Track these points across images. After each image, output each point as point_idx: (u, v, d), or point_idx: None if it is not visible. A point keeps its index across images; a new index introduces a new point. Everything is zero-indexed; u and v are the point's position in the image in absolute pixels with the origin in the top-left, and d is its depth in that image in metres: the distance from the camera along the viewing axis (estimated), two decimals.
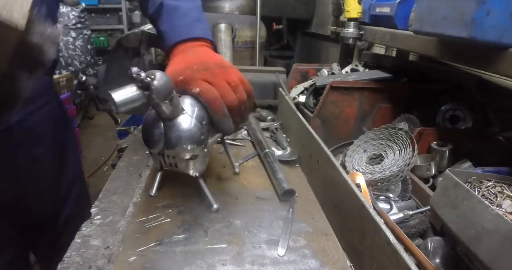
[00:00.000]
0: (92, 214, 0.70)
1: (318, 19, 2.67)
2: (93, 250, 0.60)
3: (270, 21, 2.51)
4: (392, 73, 1.16)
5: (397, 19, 1.05)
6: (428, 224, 0.74)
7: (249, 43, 2.11)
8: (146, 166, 0.87)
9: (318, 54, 2.71)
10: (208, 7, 2.24)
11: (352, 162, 0.94)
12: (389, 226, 0.57)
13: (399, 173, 0.80)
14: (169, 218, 0.68)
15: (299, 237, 0.65)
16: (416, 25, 0.79)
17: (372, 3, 1.22)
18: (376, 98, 1.13)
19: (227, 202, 0.75)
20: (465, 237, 0.53)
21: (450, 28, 0.67)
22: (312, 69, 1.45)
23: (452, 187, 0.58)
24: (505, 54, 0.62)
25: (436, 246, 0.65)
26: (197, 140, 0.64)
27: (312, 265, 0.58)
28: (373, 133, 0.98)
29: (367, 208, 0.54)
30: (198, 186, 0.72)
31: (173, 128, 0.63)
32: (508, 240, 0.46)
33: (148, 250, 0.59)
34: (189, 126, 0.63)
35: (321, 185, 0.78)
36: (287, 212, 0.72)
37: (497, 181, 0.65)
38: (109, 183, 0.81)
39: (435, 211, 0.62)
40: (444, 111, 0.99)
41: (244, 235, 0.65)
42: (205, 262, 0.58)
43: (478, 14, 0.60)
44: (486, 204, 0.51)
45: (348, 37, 1.34)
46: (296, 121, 0.98)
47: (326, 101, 1.11)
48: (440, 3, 0.70)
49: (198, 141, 0.64)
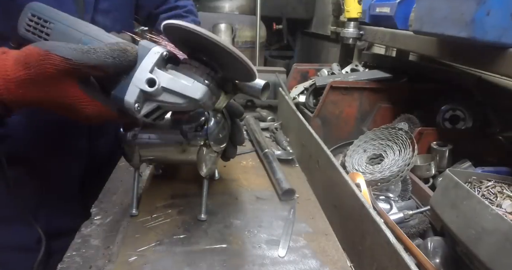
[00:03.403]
0: (92, 214, 0.70)
1: (318, 19, 2.67)
2: (93, 250, 0.60)
3: (270, 21, 2.51)
4: (392, 73, 1.16)
5: (397, 19, 1.05)
6: (428, 224, 0.74)
7: (249, 43, 2.11)
8: (146, 166, 0.87)
9: (318, 54, 2.71)
10: (208, 7, 2.25)
11: (352, 162, 0.94)
12: (389, 226, 0.57)
13: (399, 173, 0.80)
14: (169, 218, 0.68)
15: (299, 237, 0.65)
16: (416, 25, 0.79)
17: (372, 3, 1.22)
18: (376, 98, 1.13)
19: (227, 202, 0.75)
20: (465, 237, 0.53)
21: (450, 28, 0.67)
22: (312, 69, 1.45)
23: (452, 187, 0.58)
24: (505, 54, 0.62)
25: (436, 246, 0.65)
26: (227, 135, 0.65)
27: (312, 265, 0.58)
28: (373, 133, 0.98)
29: (367, 208, 0.54)
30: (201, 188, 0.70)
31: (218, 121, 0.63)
32: (508, 240, 0.46)
33: (148, 250, 0.59)
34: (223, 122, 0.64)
35: (321, 185, 0.78)
36: (288, 213, 0.72)
37: (497, 181, 0.65)
38: (109, 183, 0.81)
39: (435, 211, 0.62)
40: (444, 111, 0.99)
41: (244, 235, 0.65)
42: (205, 262, 0.58)
43: (478, 14, 0.60)
44: (486, 204, 0.51)
45: (348, 37, 1.34)
46: (296, 121, 0.98)
47: (326, 101, 1.11)
48: (440, 3, 0.70)
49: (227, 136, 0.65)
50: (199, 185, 0.79)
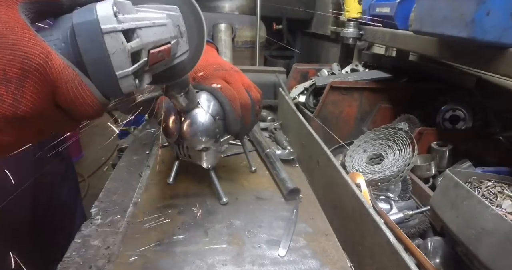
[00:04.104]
0: (92, 214, 0.70)
1: (318, 19, 2.67)
2: (93, 250, 0.60)
3: (270, 21, 2.51)
4: (392, 73, 1.16)
5: (397, 19, 1.05)
6: (428, 224, 0.74)
7: (249, 43, 2.11)
8: (146, 166, 0.87)
9: (318, 54, 2.71)
10: (208, 7, 2.24)
11: (352, 162, 0.94)
12: (389, 226, 0.57)
13: (399, 173, 0.80)
14: (169, 218, 0.68)
15: (299, 237, 0.65)
16: (416, 25, 0.79)
17: (372, 3, 1.22)
18: (376, 98, 1.13)
19: (227, 202, 0.75)
20: (465, 237, 0.53)
21: (450, 28, 0.67)
22: (312, 69, 1.45)
23: (452, 187, 0.58)
24: (505, 54, 0.62)
25: (436, 246, 0.65)
26: (210, 133, 0.67)
27: (312, 265, 0.58)
28: (373, 133, 0.98)
29: (367, 208, 0.54)
30: (210, 180, 0.75)
31: (188, 120, 0.66)
32: (508, 240, 0.46)
33: (148, 250, 0.59)
34: (203, 120, 0.66)
35: (321, 185, 0.78)
36: (289, 213, 0.72)
37: (497, 181, 0.65)
38: (109, 183, 0.81)
39: (435, 211, 0.62)
40: (444, 111, 0.99)
41: (244, 235, 0.65)
42: (205, 262, 0.58)
43: (478, 14, 0.60)
44: (486, 204, 0.51)
45: (348, 37, 1.34)
46: (296, 121, 0.98)
47: (326, 101, 1.11)
48: (440, 3, 0.70)
49: (211, 134, 0.67)
50: (199, 185, 0.80)
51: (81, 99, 0.30)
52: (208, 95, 0.69)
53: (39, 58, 0.27)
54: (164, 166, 0.86)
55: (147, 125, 1.15)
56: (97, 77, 0.32)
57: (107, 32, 0.30)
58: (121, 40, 0.31)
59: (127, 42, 0.32)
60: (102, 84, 0.32)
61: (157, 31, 0.35)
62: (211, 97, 0.69)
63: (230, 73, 0.73)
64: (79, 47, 0.30)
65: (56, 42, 0.31)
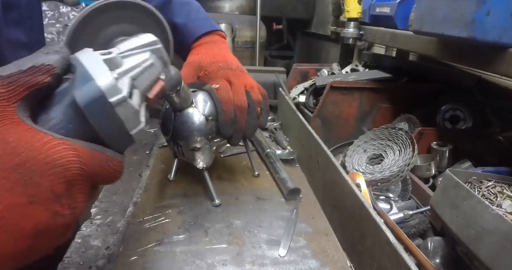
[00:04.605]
0: (92, 214, 0.70)
1: (318, 19, 2.67)
2: (93, 250, 0.60)
3: (270, 21, 2.51)
4: (392, 73, 1.16)
5: (397, 19, 1.05)
6: (428, 224, 0.74)
7: (249, 43, 2.11)
8: (146, 166, 0.87)
9: (318, 54, 2.71)
10: (208, 7, 2.24)
11: (352, 162, 0.94)
12: (389, 226, 0.57)
13: (399, 173, 0.80)
14: (169, 218, 0.68)
15: (299, 237, 0.65)
16: (416, 25, 0.79)
17: (372, 3, 1.22)
18: (376, 98, 1.13)
19: (227, 202, 0.75)
20: (465, 237, 0.53)
21: (450, 28, 0.67)
22: (312, 69, 1.45)
23: (452, 187, 0.58)
24: (505, 54, 0.62)
25: (436, 246, 0.66)
26: (201, 133, 0.67)
27: (312, 265, 0.58)
28: (373, 133, 0.98)
29: (367, 208, 0.54)
30: (203, 180, 0.74)
31: (180, 119, 0.67)
32: (508, 240, 0.46)
33: (148, 250, 0.59)
34: (195, 119, 0.67)
35: (321, 185, 0.78)
36: (289, 213, 0.72)
37: (497, 181, 0.65)
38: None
39: (435, 211, 0.62)
40: (444, 111, 0.99)
41: (244, 235, 0.65)
42: (205, 262, 0.58)
43: (478, 14, 0.60)
44: (486, 204, 0.51)
45: (348, 37, 1.34)
46: (296, 121, 0.98)
47: (326, 102, 1.11)
48: (440, 3, 0.70)
49: (202, 134, 0.67)
50: (200, 184, 0.80)
51: (111, 171, 0.31)
52: (205, 96, 0.69)
53: (75, 164, 0.27)
54: (164, 166, 0.86)
55: (147, 126, 1.15)
56: (114, 142, 0.32)
57: (117, 105, 0.30)
58: (130, 105, 0.31)
59: (132, 101, 0.31)
60: (119, 146, 0.32)
61: (148, 74, 0.35)
62: (208, 97, 0.68)
63: (234, 73, 0.72)
64: (93, 126, 0.30)
65: (61, 125, 0.29)
